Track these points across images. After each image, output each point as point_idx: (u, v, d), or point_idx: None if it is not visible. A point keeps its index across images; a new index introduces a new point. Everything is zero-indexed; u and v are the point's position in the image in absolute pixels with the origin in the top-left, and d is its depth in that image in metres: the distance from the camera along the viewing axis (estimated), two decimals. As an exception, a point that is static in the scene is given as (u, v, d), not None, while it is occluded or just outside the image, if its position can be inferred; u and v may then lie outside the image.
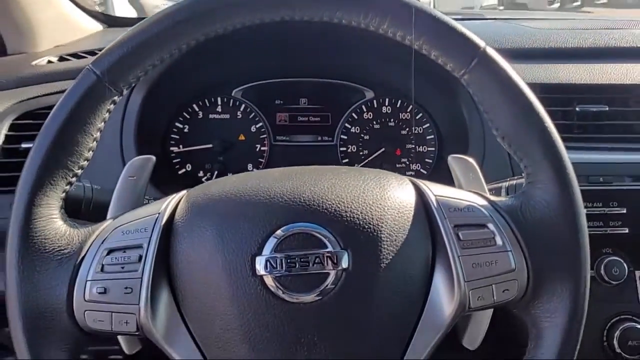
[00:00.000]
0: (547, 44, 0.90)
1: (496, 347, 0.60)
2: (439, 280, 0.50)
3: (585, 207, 0.74)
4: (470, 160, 0.60)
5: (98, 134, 0.52)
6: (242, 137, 0.96)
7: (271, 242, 0.47)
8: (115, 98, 0.52)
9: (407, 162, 0.96)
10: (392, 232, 0.49)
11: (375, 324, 0.48)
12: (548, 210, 0.50)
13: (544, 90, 0.81)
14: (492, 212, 0.51)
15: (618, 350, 0.71)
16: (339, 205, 0.48)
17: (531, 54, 0.88)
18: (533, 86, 0.79)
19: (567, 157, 0.50)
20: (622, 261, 0.72)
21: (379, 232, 0.48)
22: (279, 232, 0.47)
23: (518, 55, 0.84)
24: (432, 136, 0.96)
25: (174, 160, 0.95)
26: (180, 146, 0.95)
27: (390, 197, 0.50)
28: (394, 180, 0.53)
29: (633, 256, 0.73)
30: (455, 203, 0.51)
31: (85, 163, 0.52)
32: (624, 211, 0.74)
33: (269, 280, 0.46)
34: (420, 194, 0.52)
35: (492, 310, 0.59)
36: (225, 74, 0.94)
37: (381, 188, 0.51)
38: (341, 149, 0.97)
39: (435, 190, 0.52)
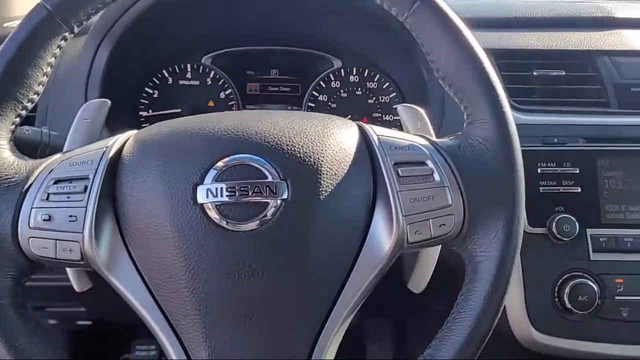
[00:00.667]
0: (509, 14, 0.92)
1: (441, 290, 0.61)
2: (379, 216, 0.51)
3: (540, 167, 0.76)
4: (420, 109, 0.61)
5: (48, 69, 0.53)
6: (211, 104, 0.97)
7: (212, 173, 0.48)
8: (66, 34, 0.53)
9: None
10: (333, 166, 0.50)
11: (314, 254, 0.49)
12: (484, 147, 0.51)
13: (505, 56, 0.83)
14: (432, 151, 0.52)
15: (568, 306, 0.72)
16: (280, 139, 0.50)
17: (492, 23, 0.90)
18: (494, 52, 0.81)
19: (504, 96, 0.51)
20: (573, 219, 0.73)
21: (319, 165, 0.49)
22: (220, 163, 0.48)
23: (480, 23, 0.85)
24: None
25: (143, 125, 0.95)
26: (150, 111, 0.96)
27: (333, 134, 0.52)
28: (337, 121, 0.54)
29: (584, 214, 0.74)
30: (397, 142, 0.53)
31: (35, 97, 0.53)
32: (577, 171, 0.76)
33: (209, 209, 0.48)
34: (363, 133, 0.54)
35: (437, 254, 0.60)
36: (194, 39, 0.95)
37: (324, 126, 0.53)
38: None
39: (378, 131, 0.54)
